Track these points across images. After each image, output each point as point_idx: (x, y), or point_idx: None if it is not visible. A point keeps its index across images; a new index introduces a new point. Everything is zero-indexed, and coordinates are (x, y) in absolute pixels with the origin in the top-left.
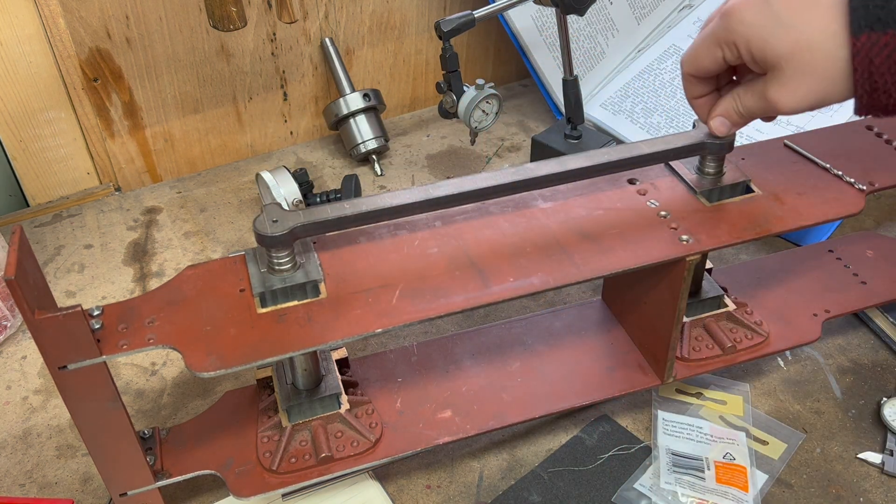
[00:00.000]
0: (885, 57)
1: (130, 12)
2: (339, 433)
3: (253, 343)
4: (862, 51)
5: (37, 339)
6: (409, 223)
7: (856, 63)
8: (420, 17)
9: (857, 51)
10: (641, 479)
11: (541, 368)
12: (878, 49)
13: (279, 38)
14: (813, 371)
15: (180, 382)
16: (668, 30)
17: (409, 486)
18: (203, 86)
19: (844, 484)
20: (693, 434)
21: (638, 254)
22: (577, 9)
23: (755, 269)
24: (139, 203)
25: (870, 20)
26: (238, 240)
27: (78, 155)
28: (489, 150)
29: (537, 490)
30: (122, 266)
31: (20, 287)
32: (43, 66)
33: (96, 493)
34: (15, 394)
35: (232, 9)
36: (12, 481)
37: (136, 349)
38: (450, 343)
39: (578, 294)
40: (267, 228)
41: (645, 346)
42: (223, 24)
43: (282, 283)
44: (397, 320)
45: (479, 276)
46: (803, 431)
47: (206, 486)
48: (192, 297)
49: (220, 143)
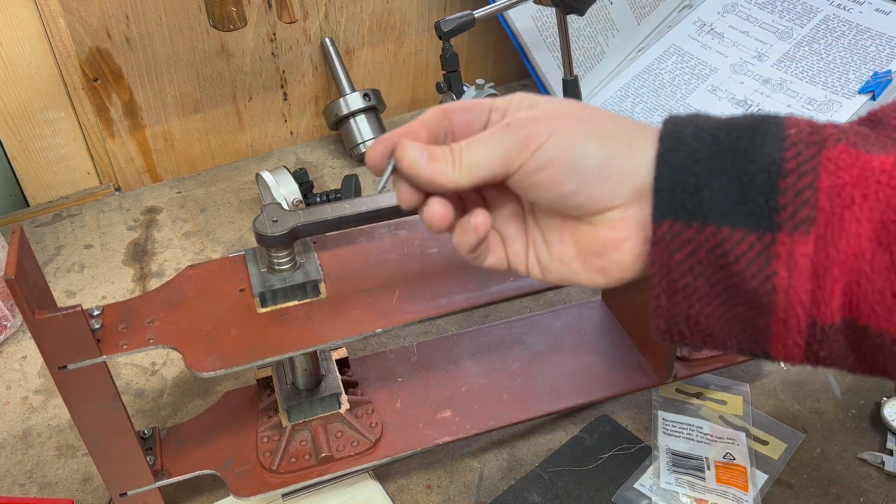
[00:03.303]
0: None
1: (130, 12)
2: (339, 433)
3: (253, 343)
4: (662, 241)
5: (37, 339)
6: (409, 223)
7: (654, 254)
8: (420, 17)
9: (658, 240)
10: (641, 479)
11: (541, 368)
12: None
13: (279, 38)
14: (813, 371)
15: (180, 382)
16: (668, 30)
17: (409, 486)
18: (203, 86)
19: (844, 484)
20: (693, 434)
21: None
22: (577, 9)
23: None
24: (139, 203)
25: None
26: (238, 240)
27: (78, 155)
28: None
29: (537, 490)
30: (122, 266)
31: (20, 287)
32: (43, 66)
33: (96, 493)
34: (15, 394)
35: (232, 9)
36: (12, 481)
37: (136, 349)
38: (450, 343)
39: (578, 294)
40: (267, 228)
41: (645, 346)
42: (223, 24)
43: (282, 283)
44: (397, 320)
45: (479, 276)
46: (803, 431)
47: (206, 486)
48: (192, 297)
49: (220, 143)
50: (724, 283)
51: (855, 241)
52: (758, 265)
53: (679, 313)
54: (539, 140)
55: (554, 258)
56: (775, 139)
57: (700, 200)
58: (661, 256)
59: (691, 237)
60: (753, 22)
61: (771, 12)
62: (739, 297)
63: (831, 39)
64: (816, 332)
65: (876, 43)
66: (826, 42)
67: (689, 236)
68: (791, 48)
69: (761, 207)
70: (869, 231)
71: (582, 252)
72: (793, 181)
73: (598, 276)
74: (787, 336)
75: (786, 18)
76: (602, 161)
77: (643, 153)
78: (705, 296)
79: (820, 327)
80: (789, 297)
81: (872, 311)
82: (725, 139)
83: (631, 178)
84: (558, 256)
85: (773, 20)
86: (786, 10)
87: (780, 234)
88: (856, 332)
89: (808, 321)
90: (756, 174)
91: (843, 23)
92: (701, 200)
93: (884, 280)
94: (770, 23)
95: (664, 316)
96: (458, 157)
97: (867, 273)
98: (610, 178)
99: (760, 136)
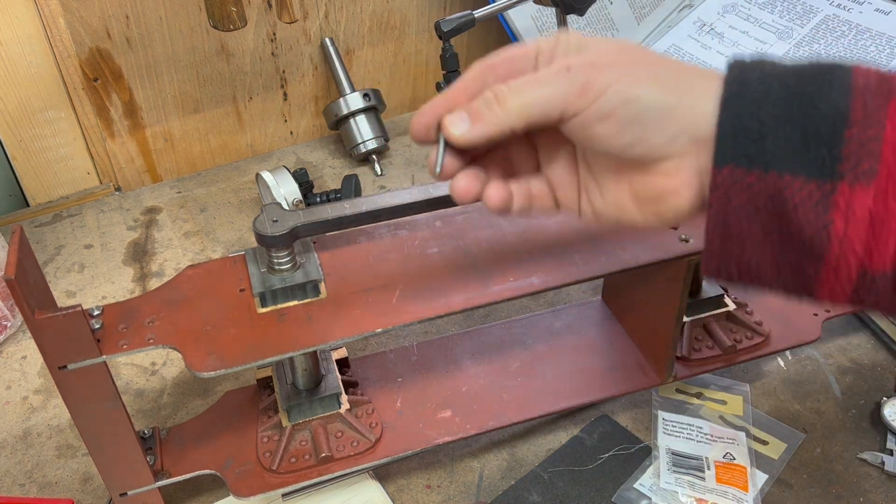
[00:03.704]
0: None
1: (130, 12)
2: (339, 433)
3: (253, 343)
4: (721, 186)
5: (37, 339)
6: (409, 223)
7: (712, 199)
8: (420, 17)
9: (717, 185)
10: (641, 479)
11: (541, 368)
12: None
13: (279, 38)
14: (813, 371)
15: (180, 382)
16: (668, 30)
17: (409, 486)
18: (203, 86)
19: (844, 484)
20: (693, 434)
21: (638, 254)
22: (577, 9)
23: None
24: (139, 203)
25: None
26: (238, 240)
27: (78, 155)
28: None
29: (537, 490)
30: (122, 266)
31: (20, 287)
32: (43, 66)
33: (96, 493)
34: (15, 394)
35: (232, 9)
36: (12, 481)
37: (136, 349)
38: (450, 343)
39: (578, 294)
40: (267, 228)
41: (645, 346)
42: (223, 24)
43: (282, 282)
44: (397, 320)
45: (479, 276)
46: (803, 431)
47: (206, 486)
48: (192, 297)
49: (220, 143)
50: (780, 229)
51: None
52: (815, 213)
53: (731, 257)
54: (599, 88)
55: (609, 203)
56: (842, 87)
57: (763, 147)
58: (720, 201)
59: (752, 183)
60: (753, 22)
61: (771, 12)
62: (793, 244)
63: (831, 39)
64: (866, 280)
65: (876, 43)
66: (826, 42)
67: (750, 182)
68: (791, 48)
69: (824, 156)
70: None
71: (637, 197)
72: (858, 132)
73: (654, 218)
74: (836, 283)
75: (786, 18)
76: (664, 112)
77: (706, 100)
78: (759, 242)
79: (871, 277)
80: (843, 246)
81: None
82: (794, 86)
83: (692, 127)
84: (613, 201)
85: (773, 20)
86: (786, 10)
87: (840, 184)
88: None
89: (858, 270)
90: (821, 123)
91: (843, 23)
92: (764, 147)
93: None
94: (770, 23)
95: (716, 258)
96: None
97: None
98: (670, 128)
99: (828, 84)
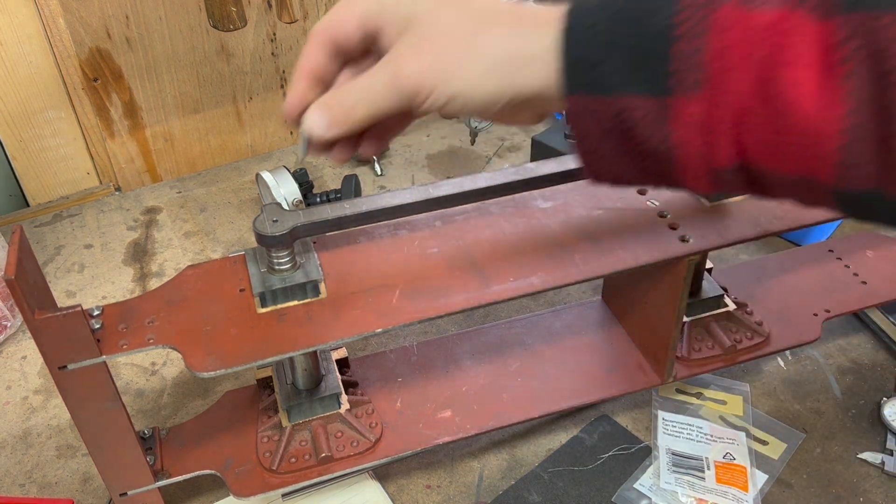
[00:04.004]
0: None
1: (130, 12)
2: (339, 433)
3: (253, 343)
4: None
5: (37, 339)
6: (409, 223)
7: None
8: None
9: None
10: (641, 479)
11: (541, 368)
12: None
13: (279, 38)
14: (813, 371)
15: (180, 382)
16: None
17: (409, 486)
18: (203, 86)
19: (844, 484)
20: (693, 434)
21: (638, 253)
22: None
23: (755, 268)
24: (139, 203)
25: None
26: (238, 240)
27: (78, 155)
28: (489, 151)
29: (537, 490)
30: (122, 266)
31: (20, 287)
32: (43, 66)
33: (96, 493)
34: (15, 394)
35: (232, 9)
36: (12, 481)
37: (136, 349)
38: (450, 343)
39: (578, 294)
40: (267, 228)
41: (645, 346)
42: (223, 24)
43: (282, 282)
44: (397, 320)
45: (479, 276)
46: (803, 431)
47: (206, 486)
48: (192, 297)
49: (220, 143)
50: (631, 144)
51: (739, 99)
52: (656, 126)
53: (600, 170)
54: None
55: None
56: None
57: (601, 73)
58: (576, 126)
59: (597, 108)
60: None
61: None
62: (645, 155)
63: None
64: (717, 175)
65: None
66: None
67: (595, 108)
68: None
69: (655, 74)
70: (751, 88)
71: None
72: (683, 46)
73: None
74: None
75: None
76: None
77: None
78: (618, 156)
79: (718, 172)
80: (686, 150)
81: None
82: (625, 8)
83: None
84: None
85: None
86: None
87: (673, 98)
88: (750, 173)
89: (706, 168)
90: (651, 41)
91: None
92: (602, 73)
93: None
94: None
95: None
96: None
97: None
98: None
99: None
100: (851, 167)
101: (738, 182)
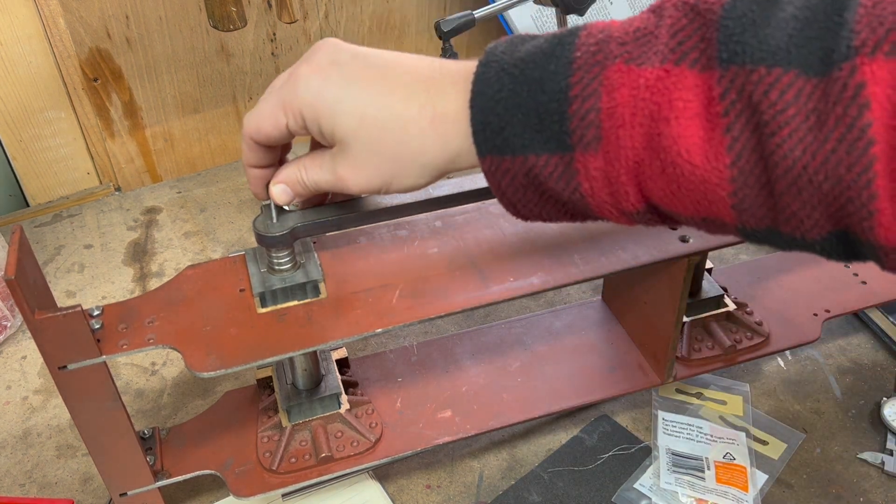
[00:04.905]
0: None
1: (130, 12)
2: (339, 433)
3: (253, 343)
4: (489, 172)
5: (37, 339)
6: (409, 223)
7: (488, 180)
8: (420, 17)
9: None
10: (641, 479)
11: (541, 368)
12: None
13: (279, 38)
14: (813, 371)
15: (180, 382)
16: None
17: (409, 486)
18: (203, 86)
19: (844, 484)
20: (693, 434)
21: (638, 254)
22: (577, 9)
23: (755, 268)
24: (139, 203)
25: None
26: (238, 240)
27: (78, 155)
28: None
29: (537, 490)
30: (122, 266)
31: (20, 287)
32: (43, 66)
33: (96, 493)
34: (15, 394)
35: (232, 9)
36: (12, 481)
37: (136, 349)
38: (450, 343)
39: (578, 294)
40: (267, 228)
41: (645, 346)
42: (223, 24)
43: (282, 283)
44: (397, 320)
45: (479, 276)
46: (803, 431)
47: (206, 486)
48: (192, 297)
49: (220, 143)
50: (547, 196)
51: (633, 153)
52: (565, 181)
53: (528, 214)
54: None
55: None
56: (564, 65)
57: (506, 137)
58: (493, 183)
59: (508, 167)
60: None
61: None
62: (564, 202)
63: None
64: (630, 215)
65: None
66: None
67: (507, 167)
68: None
69: (556, 133)
70: (641, 142)
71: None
72: (578, 106)
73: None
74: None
75: None
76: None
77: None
78: (538, 204)
79: (630, 213)
80: (596, 200)
81: (663, 201)
82: (520, 75)
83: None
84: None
85: None
86: None
87: (575, 154)
88: (660, 213)
89: (618, 211)
90: (548, 104)
91: None
92: (506, 137)
93: (661, 180)
94: None
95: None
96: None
97: (647, 175)
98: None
99: (553, 62)
100: (744, 211)
101: (652, 219)
